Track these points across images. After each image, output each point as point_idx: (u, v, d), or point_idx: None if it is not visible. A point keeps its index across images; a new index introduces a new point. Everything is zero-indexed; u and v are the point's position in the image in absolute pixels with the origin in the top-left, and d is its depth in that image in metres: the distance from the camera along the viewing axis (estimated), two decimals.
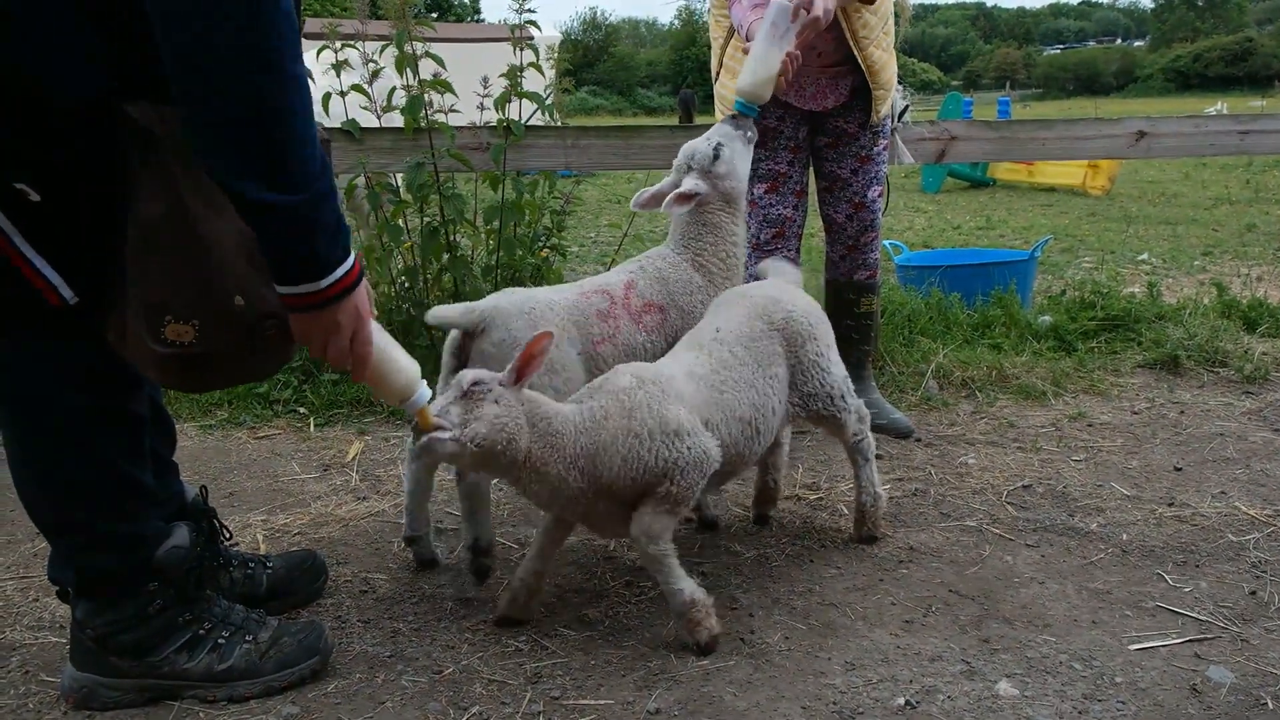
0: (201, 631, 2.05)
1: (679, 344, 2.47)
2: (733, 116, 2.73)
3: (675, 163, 2.69)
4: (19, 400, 1.85)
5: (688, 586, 2.18)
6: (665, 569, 2.17)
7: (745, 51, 2.88)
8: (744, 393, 2.35)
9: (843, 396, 2.59)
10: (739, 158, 2.67)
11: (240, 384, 2.03)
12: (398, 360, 1.92)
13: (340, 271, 1.73)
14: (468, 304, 2.41)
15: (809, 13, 2.75)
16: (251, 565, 2.39)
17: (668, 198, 2.60)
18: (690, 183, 2.60)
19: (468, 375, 2.03)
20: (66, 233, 1.75)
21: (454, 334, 2.40)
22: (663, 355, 2.56)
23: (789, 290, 2.63)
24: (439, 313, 2.37)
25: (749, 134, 2.73)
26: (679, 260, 2.62)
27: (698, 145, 2.66)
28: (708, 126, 2.84)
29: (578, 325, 2.42)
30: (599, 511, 2.18)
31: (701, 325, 2.50)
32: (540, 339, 2.04)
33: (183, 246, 1.75)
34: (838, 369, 2.61)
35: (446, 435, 1.97)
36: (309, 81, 1.65)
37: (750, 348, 2.42)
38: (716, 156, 2.62)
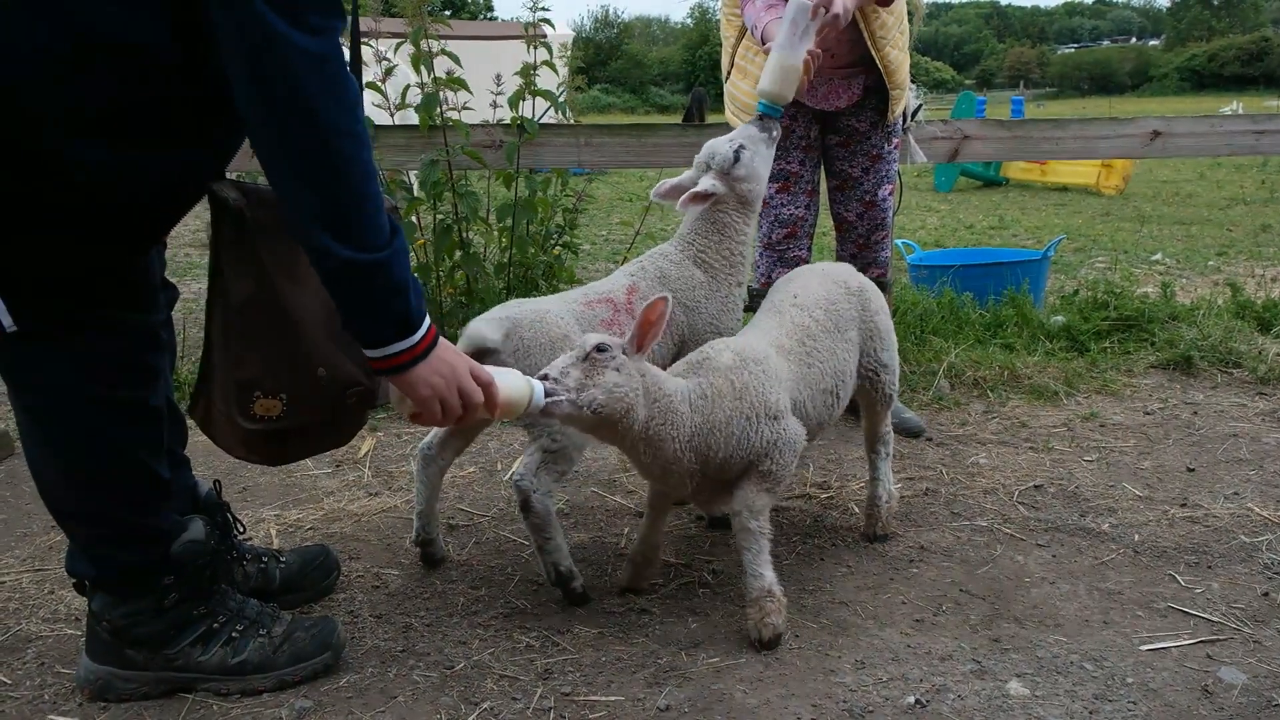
0: (216, 625, 2.07)
1: (758, 312, 2.52)
2: (759, 118, 2.72)
3: (697, 158, 2.69)
4: (41, 392, 1.86)
5: (770, 575, 2.20)
6: (758, 548, 2.19)
7: (765, 53, 2.87)
8: (827, 362, 2.40)
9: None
10: (760, 161, 2.67)
11: (320, 453, 2.14)
12: (506, 373, 1.92)
13: (429, 321, 1.79)
14: (492, 315, 2.37)
15: (828, 11, 2.75)
16: (265, 560, 2.41)
17: (682, 198, 2.61)
18: (707, 183, 2.60)
19: (591, 339, 2.02)
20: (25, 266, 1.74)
21: (474, 346, 2.31)
22: (669, 353, 2.57)
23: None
24: (475, 329, 2.32)
25: (774, 134, 2.73)
26: (681, 258, 2.62)
27: (719, 146, 2.65)
28: (712, 127, 2.83)
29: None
30: (706, 488, 2.22)
31: (775, 294, 2.55)
32: (657, 304, 2.02)
33: (271, 323, 1.83)
34: None
35: (564, 397, 1.95)
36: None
37: (830, 310, 2.49)
38: (736, 159, 2.61)
